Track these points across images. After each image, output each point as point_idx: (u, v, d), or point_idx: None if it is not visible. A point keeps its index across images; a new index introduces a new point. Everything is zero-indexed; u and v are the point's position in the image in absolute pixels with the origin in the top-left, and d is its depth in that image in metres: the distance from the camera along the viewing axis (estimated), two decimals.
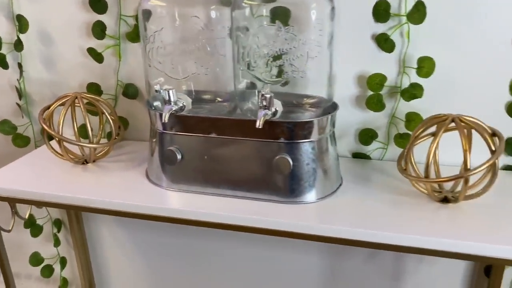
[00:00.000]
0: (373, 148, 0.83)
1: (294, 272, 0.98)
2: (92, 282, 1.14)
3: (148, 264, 1.09)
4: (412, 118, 0.77)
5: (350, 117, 0.82)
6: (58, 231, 1.10)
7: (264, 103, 0.62)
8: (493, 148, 0.61)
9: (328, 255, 0.95)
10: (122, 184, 0.77)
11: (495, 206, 0.67)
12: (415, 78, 0.75)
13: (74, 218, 1.06)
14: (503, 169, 0.79)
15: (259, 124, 0.62)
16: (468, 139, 0.63)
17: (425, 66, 0.73)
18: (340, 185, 0.75)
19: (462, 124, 0.63)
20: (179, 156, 0.72)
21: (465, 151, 0.61)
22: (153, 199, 0.72)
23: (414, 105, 0.76)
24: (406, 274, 0.92)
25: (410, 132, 0.78)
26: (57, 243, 1.10)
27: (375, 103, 0.78)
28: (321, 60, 0.68)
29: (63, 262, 1.12)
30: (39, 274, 1.11)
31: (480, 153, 0.63)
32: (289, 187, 0.69)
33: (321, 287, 0.98)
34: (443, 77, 0.74)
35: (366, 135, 0.82)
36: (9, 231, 0.83)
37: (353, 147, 0.85)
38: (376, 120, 0.81)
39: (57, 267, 1.12)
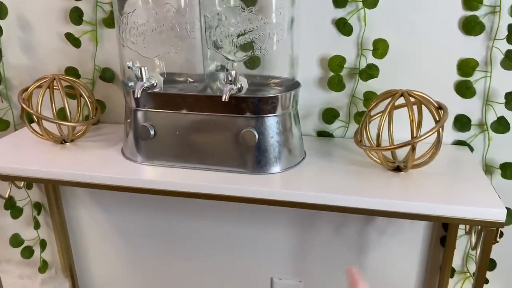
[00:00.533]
0: (335, 127, 0.89)
1: (266, 245, 1.04)
2: (72, 264, 1.17)
3: (126, 244, 1.13)
4: (369, 97, 0.83)
5: (314, 97, 0.88)
6: (38, 214, 1.13)
7: (230, 79, 0.68)
8: (437, 118, 0.67)
9: (297, 229, 1.00)
10: (99, 160, 0.81)
11: (444, 174, 0.74)
12: (371, 59, 0.81)
13: (53, 201, 1.10)
14: (454, 144, 0.86)
15: (225, 97, 0.67)
16: (419, 111, 0.69)
17: (380, 47, 0.79)
18: (304, 158, 0.81)
19: (410, 98, 0.70)
20: (152, 132, 0.77)
21: (412, 122, 0.67)
22: (128, 172, 0.76)
23: (371, 85, 0.83)
24: (369, 246, 0.98)
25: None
26: (37, 225, 1.13)
27: (336, 84, 0.84)
28: (283, 42, 0.74)
29: (43, 244, 1.15)
30: (19, 257, 1.14)
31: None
32: (255, 159, 0.75)
33: (291, 259, 1.04)
34: (397, 58, 0.81)
35: (329, 115, 0.88)
36: None
37: (317, 126, 0.91)
38: (338, 100, 0.87)
39: (37, 249, 1.15)
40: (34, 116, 0.82)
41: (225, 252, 1.08)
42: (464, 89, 0.81)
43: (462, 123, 0.83)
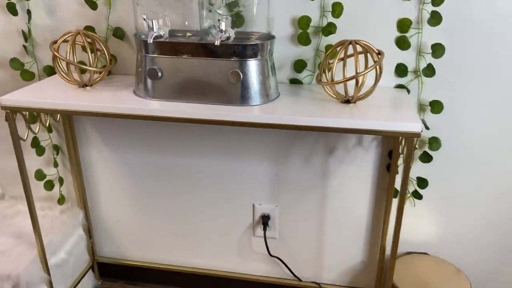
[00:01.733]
0: (304, 75, 1.12)
1: (248, 177, 1.27)
2: (85, 198, 1.39)
3: (130, 180, 1.35)
4: (329, 49, 1.06)
5: (287, 51, 1.10)
6: (57, 154, 1.34)
7: (221, 28, 0.90)
8: (375, 59, 0.91)
9: (273, 162, 1.24)
10: (115, 98, 1.03)
11: (382, 106, 0.97)
12: (331, 18, 1.04)
13: (70, 143, 1.31)
14: (395, 87, 1.09)
15: (217, 42, 0.89)
16: (366, 57, 0.93)
17: (337, 9, 1.02)
18: (278, 96, 1.03)
19: (357, 45, 0.93)
20: (159, 74, 0.98)
21: (356, 62, 0.90)
22: (140, 104, 0.98)
23: (331, 39, 1.05)
24: (331, 173, 1.22)
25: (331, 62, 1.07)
26: (56, 164, 1.34)
27: (304, 39, 1.07)
28: (261, 4, 0.96)
29: (61, 181, 1.37)
30: (41, 193, 1.36)
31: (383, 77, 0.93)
32: (240, 94, 0.97)
33: (268, 188, 1.27)
34: (350, 18, 1.03)
35: (299, 65, 1.10)
36: (24, 140, 1.07)
37: (289, 75, 1.13)
38: (306, 53, 1.10)
39: (56, 185, 1.36)
40: (63, 62, 1.03)
41: (215, 184, 1.30)
42: (402, 43, 1.04)
43: (401, 70, 1.06)
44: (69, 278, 1.34)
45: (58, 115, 1.23)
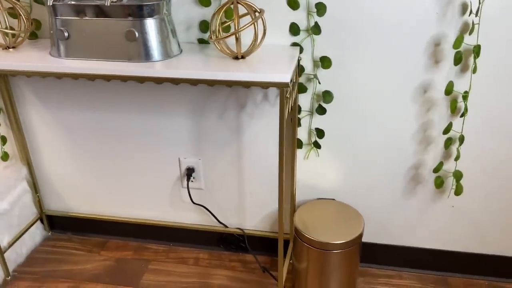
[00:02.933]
0: (208, 35, 1.22)
1: (172, 133, 1.38)
2: (27, 154, 1.51)
3: (67, 135, 1.46)
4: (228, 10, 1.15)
5: (193, 13, 1.19)
6: None
7: None
8: (253, 17, 1.00)
9: (192, 119, 1.35)
10: (34, 58, 1.13)
11: (270, 62, 1.07)
12: None
13: (9, 104, 1.42)
14: (292, 46, 1.19)
15: (107, 3, 0.99)
16: (250, 13, 1.02)
17: None
18: (180, 53, 1.13)
19: (239, 5, 1.02)
20: (66, 34, 1.08)
21: (236, 19, 1.00)
22: (50, 63, 1.09)
23: None
24: (244, 128, 1.33)
25: (227, 20, 1.16)
26: None
27: (204, 1, 1.16)
28: None
29: (3, 139, 1.48)
30: None
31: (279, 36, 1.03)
32: (141, 51, 1.07)
33: (191, 143, 1.38)
34: None
35: (203, 25, 1.20)
36: None
37: (197, 35, 1.23)
38: (209, 14, 1.19)
39: None
40: None
41: (144, 139, 1.42)
42: (293, 3, 1.13)
43: (294, 29, 1.16)
44: (14, 227, 1.48)
45: None
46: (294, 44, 1.18)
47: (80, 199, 1.59)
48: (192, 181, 1.45)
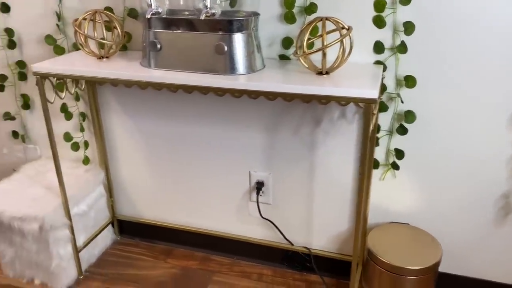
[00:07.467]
0: (291, 52, 1.23)
1: (244, 146, 1.40)
2: (106, 160, 1.59)
3: (145, 144, 1.52)
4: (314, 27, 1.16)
5: (277, 30, 1.22)
6: (83, 120, 1.54)
7: (206, 4, 1.04)
8: (342, 34, 1.01)
9: (266, 133, 1.36)
10: (124, 67, 1.20)
11: (353, 78, 1.07)
12: None
13: (94, 111, 1.50)
14: (374, 64, 1.18)
15: (202, 17, 1.03)
16: (339, 30, 1.03)
17: None
18: (263, 68, 1.16)
19: (327, 21, 1.03)
20: (158, 46, 1.14)
21: (323, 35, 1.01)
22: (141, 72, 1.14)
23: (313, 18, 1.16)
24: (318, 144, 1.32)
25: (311, 37, 1.17)
26: (82, 129, 1.54)
27: (290, 18, 1.18)
28: None
29: (86, 144, 1.57)
30: (69, 155, 1.57)
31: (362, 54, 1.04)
32: (227, 65, 1.11)
33: (262, 157, 1.40)
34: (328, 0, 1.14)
35: (286, 42, 1.22)
36: (51, 102, 1.27)
37: (279, 51, 1.25)
38: (293, 30, 1.21)
39: (81, 148, 1.57)
40: (83, 37, 1.21)
41: (215, 151, 1.45)
42: (379, 22, 1.12)
43: (378, 47, 1.15)
44: (89, 228, 1.54)
45: (83, 84, 1.43)
46: (377, 62, 1.17)
47: (150, 206, 1.63)
48: (261, 195, 1.45)
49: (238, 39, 1.09)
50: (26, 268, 1.47)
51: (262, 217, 1.46)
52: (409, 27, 1.09)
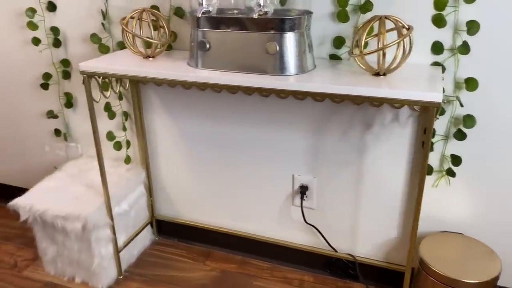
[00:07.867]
0: (343, 51, 1.19)
1: (288, 149, 1.36)
2: (147, 159, 1.58)
3: (186, 145, 1.51)
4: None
5: (328, 29, 1.18)
6: (126, 120, 1.53)
7: (259, 3, 1.00)
8: (402, 33, 0.95)
9: (311, 135, 1.32)
10: (171, 66, 1.17)
11: (412, 79, 1.01)
12: None
13: (137, 110, 1.49)
14: (432, 65, 1.12)
15: (255, 15, 1.00)
16: (399, 33, 0.97)
17: None
18: (314, 68, 1.12)
19: (386, 20, 0.98)
20: (207, 45, 1.11)
21: (383, 35, 0.96)
22: (188, 72, 1.12)
23: (368, 17, 1.11)
24: (367, 149, 1.27)
25: (367, 36, 1.12)
26: (124, 128, 1.54)
27: (343, 17, 1.13)
28: None
29: (128, 143, 1.56)
30: (111, 154, 1.56)
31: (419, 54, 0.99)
32: (277, 65, 1.07)
33: (307, 160, 1.35)
34: None
35: (338, 41, 1.17)
36: (97, 101, 1.26)
37: (330, 51, 1.20)
38: (345, 30, 1.16)
39: (123, 147, 1.56)
40: (130, 35, 1.20)
41: (258, 153, 1.41)
42: (439, 21, 1.06)
43: (437, 48, 1.09)
44: (130, 228, 1.54)
45: (127, 83, 1.42)
46: (435, 64, 1.11)
47: (189, 207, 1.62)
48: (304, 199, 1.41)
49: (290, 38, 1.05)
50: (67, 266, 1.47)
51: (306, 222, 1.42)
52: (473, 27, 1.03)
